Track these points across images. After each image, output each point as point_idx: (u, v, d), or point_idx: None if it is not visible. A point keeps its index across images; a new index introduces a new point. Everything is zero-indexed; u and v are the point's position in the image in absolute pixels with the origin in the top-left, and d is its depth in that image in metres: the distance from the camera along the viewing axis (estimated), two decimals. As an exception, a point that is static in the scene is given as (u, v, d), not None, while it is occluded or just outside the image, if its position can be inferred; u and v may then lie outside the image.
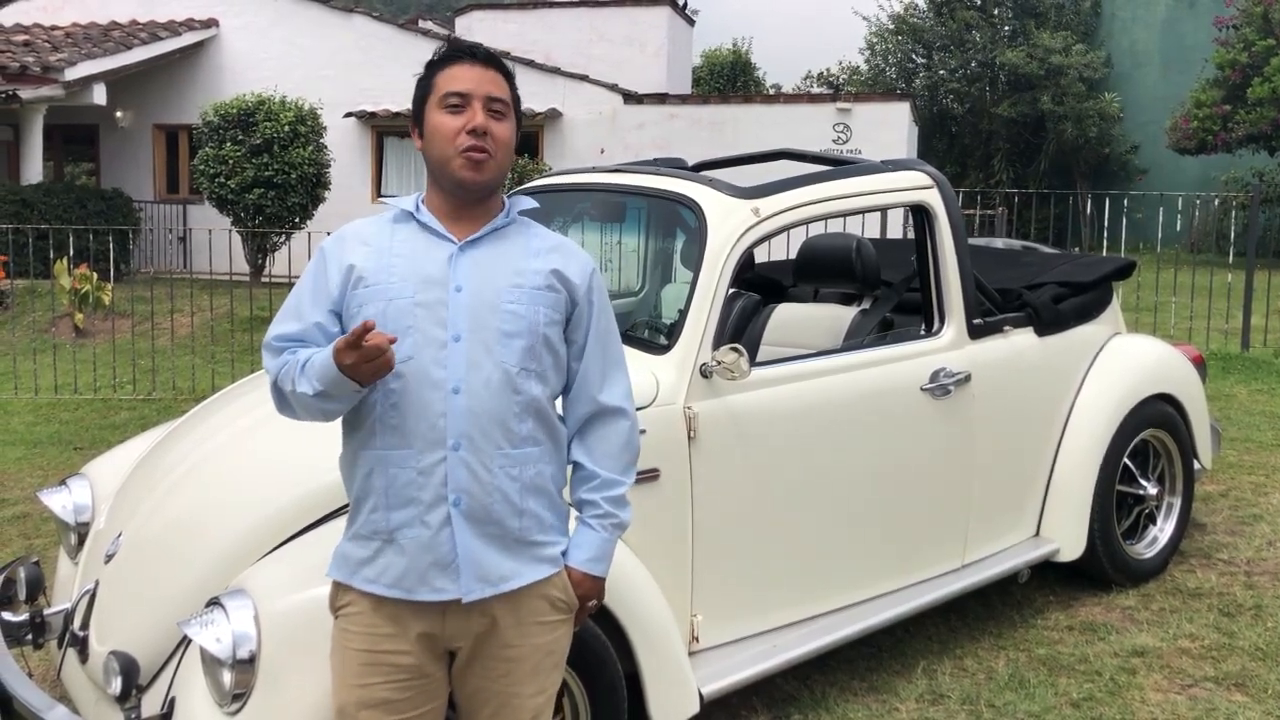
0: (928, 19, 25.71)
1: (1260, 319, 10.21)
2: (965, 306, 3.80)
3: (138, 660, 2.61)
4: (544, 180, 4.09)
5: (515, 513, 2.05)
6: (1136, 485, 4.48)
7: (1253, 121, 17.86)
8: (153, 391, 8.60)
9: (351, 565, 2.06)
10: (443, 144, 2.05)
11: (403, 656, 2.02)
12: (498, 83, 2.08)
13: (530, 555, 2.07)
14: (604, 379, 2.17)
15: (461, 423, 1.99)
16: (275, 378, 2.05)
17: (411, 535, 2.00)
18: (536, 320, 2.06)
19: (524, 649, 2.08)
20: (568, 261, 2.13)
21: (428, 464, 1.99)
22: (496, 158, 2.06)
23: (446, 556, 2.00)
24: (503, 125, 2.07)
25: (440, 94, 2.06)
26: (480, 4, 18.61)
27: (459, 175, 2.04)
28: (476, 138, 2.02)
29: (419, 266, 2.05)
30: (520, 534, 2.06)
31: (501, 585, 2.03)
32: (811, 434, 3.34)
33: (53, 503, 3.39)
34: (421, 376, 1.99)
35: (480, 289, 2.04)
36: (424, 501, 2.00)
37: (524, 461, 2.05)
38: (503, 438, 2.02)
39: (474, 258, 2.07)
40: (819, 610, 3.42)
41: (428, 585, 2.00)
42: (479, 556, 2.01)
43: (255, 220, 13.10)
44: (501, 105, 2.07)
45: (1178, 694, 3.54)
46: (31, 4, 17.53)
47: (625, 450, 2.19)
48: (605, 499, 2.15)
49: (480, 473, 2.01)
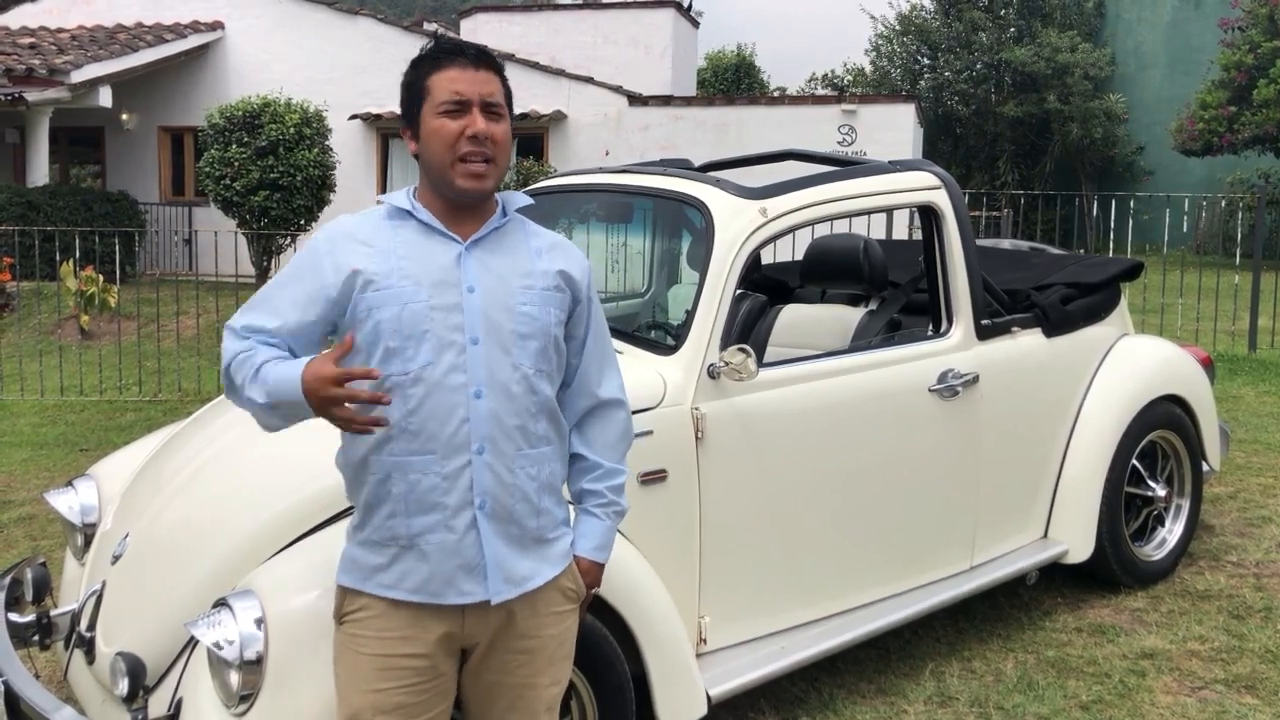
0: (934, 19, 25.70)
1: (1267, 320, 10.19)
2: (973, 307, 3.78)
3: (144, 661, 2.60)
4: (550, 181, 4.08)
5: (534, 512, 2.06)
6: (1145, 487, 4.46)
7: (1258, 123, 17.85)
8: (158, 393, 8.61)
9: (364, 571, 2.03)
10: (442, 150, 2.01)
11: (419, 660, 2.01)
12: (492, 83, 2.05)
13: (546, 552, 2.09)
14: (602, 373, 2.19)
15: (485, 426, 1.98)
16: (229, 363, 1.99)
17: (436, 540, 1.98)
18: (549, 321, 2.06)
19: (541, 640, 2.09)
20: (569, 260, 2.14)
21: (452, 469, 1.98)
22: (497, 162, 2.04)
23: (473, 560, 1.99)
24: (500, 126, 2.04)
25: (437, 99, 2.01)
26: (485, 6, 18.64)
27: (460, 185, 2.01)
28: (478, 144, 2.00)
29: (428, 268, 2.01)
30: (538, 532, 2.07)
31: (525, 585, 2.04)
32: (819, 435, 3.33)
33: (59, 504, 3.38)
34: (442, 381, 1.97)
35: (493, 290, 2.02)
36: (449, 506, 1.98)
37: (540, 461, 2.07)
38: (522, 439, 2.03)
39: (481, 258, 2.05)
40: (827, 612, 3.42)
41: (454, 589, 1.99)
42: (504, 558, 2.02)
43: (260, 222, 13.12)
44: (497, 106, 2.04)
45: (1187, 696, 3.53)
46: (37, 7, 17.59)
47: (623, 440, 2.23)
48: (609, 488, 2.19)
49: (504, 475, 2.01)
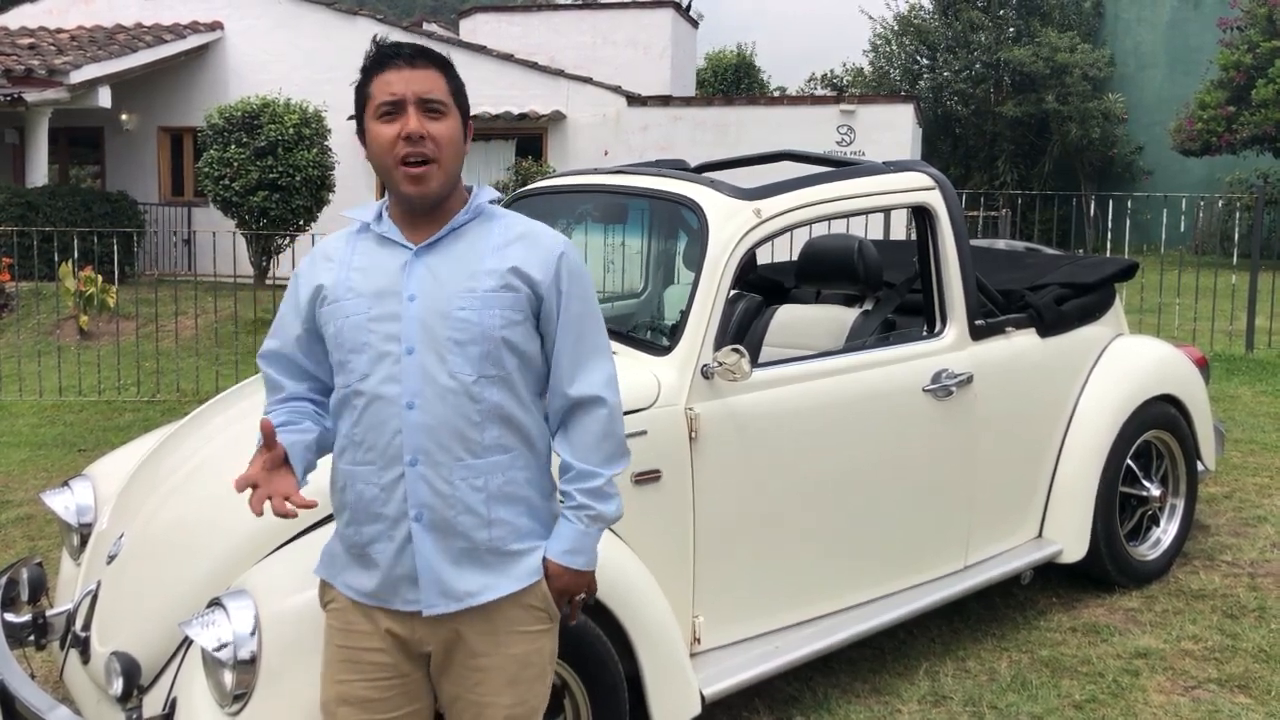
0: (933, 19, 25.70)
1: (1265, 320, 10.20)
2: (967, 308, 3.79)
3: (139, 661, 2.61)
4: (547, 182, 4.09)
5: (483, 524, 2.00)
6: (1140, 487, 4.47)
7: (1257, 123, 17.86)
8: (157, 393, 8.62)
9: (336, 567, 2.10)
10: (381, 154, 1.97)
11: (377, 654, 2.03)
12: (431, 79, 1.97)
13: (506, 566, 2.02)
14: (576, 370, 2.06)
15: (417, 438, 1.96)
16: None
17: (380, 549, 2.01)
18: (490, 325, 1.98)
19: (496, 659, 2.03)
20: (530, 253, 2.03)
21: (388, 480, 1.99)
22: (441, 162, 1.96)
23: (411, 571, 2.00)
24: (442, 124, 1.97)
25: (375, 103, 1.97)
26: (484, 6, 18.65)
27: (402, 190, 1.99)
28: (413, 144, 1.93)
29: (373, 280, 2.01)
30: (492, 544, 2.01)
31: (468, 600, 1.99)
32: (813, 435, 3.34)
33: (55, 504, 3.39)
34: (377, 393, 1.98)
35: (433, 296, 1.98)
36: (389, 517, 2.00)
37: (489, 471, 2.00)
38: (462, 449, 1.98)
39: (428, 264, 2.00)
40: (821, 611, 3.42)
41: (400, 597, 2.02)
42: (441, 572, 1.99)
43: (259, 223, 13.12)
44: (438, 103, 1.97)
45: (1180, 695, 3.54)
46: (37, 7, 17.60)
47: (604, 440, 2.07)
48: (580, 490, 2.06)
49: (440, 486, 1.97)
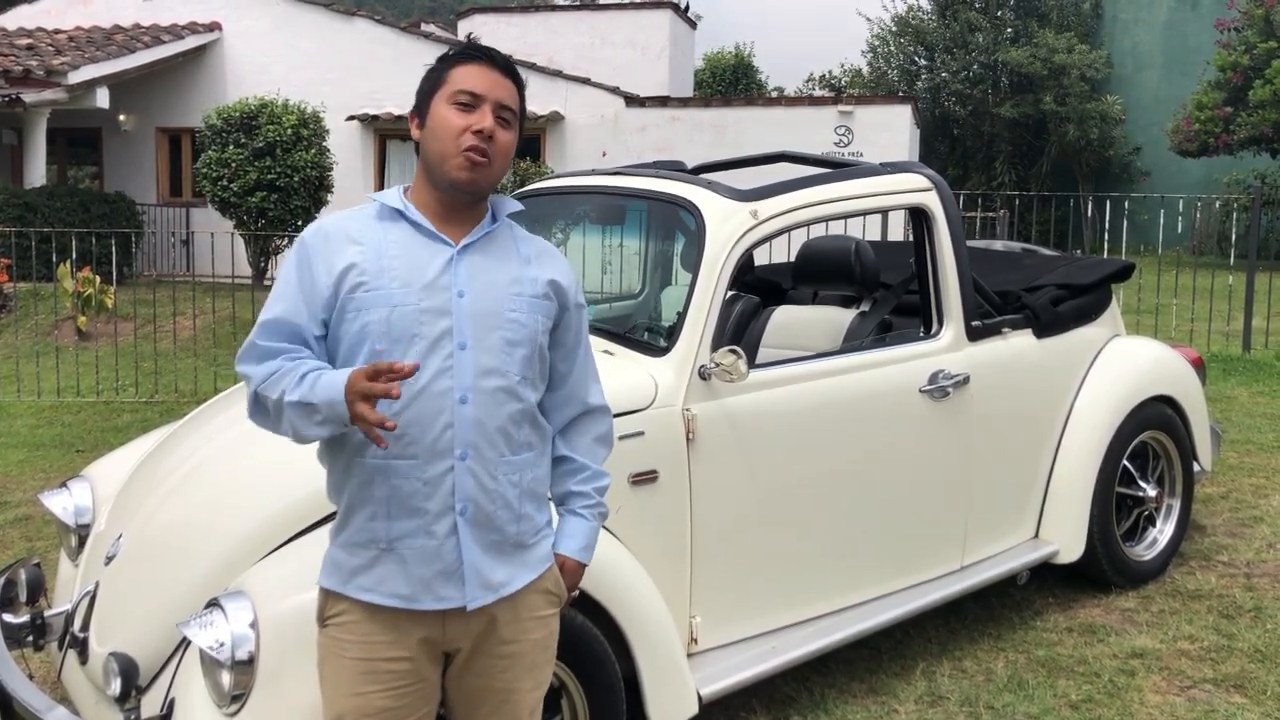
0: (931, 20, 25.72)
1: (1261, 321, 10.22)
2: (964, 308, 3.80)
3: (137, 661, 2.62)
4: (545, 183, 4.10)
5: (514, 518, 2.05)
6: (1136, 487, 4.48)
7: (1254, 124, 17.89)
8: (155, 394, 8.62)
9: (344, 573, 2.02)
10: (445, 139, 2.01)
11: (401, 663, 2.01)
12: (510, 91, 2.05)
13: (525, 557, 2.08)
14: (589, 381, 2.21)
15: (469, 432, 1.97)
16: (259, 386, 1.95)
17: (415, 545, 1.98)
18: (536, 329, 2.06)
19: (523, 644, 2.08)
20: (556, 268, 2.14)
21: (434, 474, 1.97)
22: (494, 164, 2.03)
23: (452, 565, 1.99)
24: (507, 134, 2.05)
25: (452, 89, 2.01)
26: (482, 7, 18.67)
27: (455, 175, 2.01)
28: (481, 140, 2.00)
29: (419, 270, 2.00)
30: (517, 538, 2.06)
31: (501, 590, 2.03)
32: (810, 436, 3.35)
33: (53, 505, 3.39)
34: (428, 386, 1.96)
35: (483, 295, 2.01)
36: (430, 511, 1.97)
37: (522, 467, 2.06)
38: (505, 445, 2.02)
39: (472, 262, 2.03)
40: (818, 612, 3.43)
41: (432, 594, 1.98)
42: (481, 564, 2.01)
43: (258, 223, 13.13)
44: (509, 114, 2.05)
45: (1177, 695, 3.55)
46: (35, 8, 17.60)
47: (604, 445, 2.25)
48: (595, 489, 2.20)
49: (486, 481, 2.00)
